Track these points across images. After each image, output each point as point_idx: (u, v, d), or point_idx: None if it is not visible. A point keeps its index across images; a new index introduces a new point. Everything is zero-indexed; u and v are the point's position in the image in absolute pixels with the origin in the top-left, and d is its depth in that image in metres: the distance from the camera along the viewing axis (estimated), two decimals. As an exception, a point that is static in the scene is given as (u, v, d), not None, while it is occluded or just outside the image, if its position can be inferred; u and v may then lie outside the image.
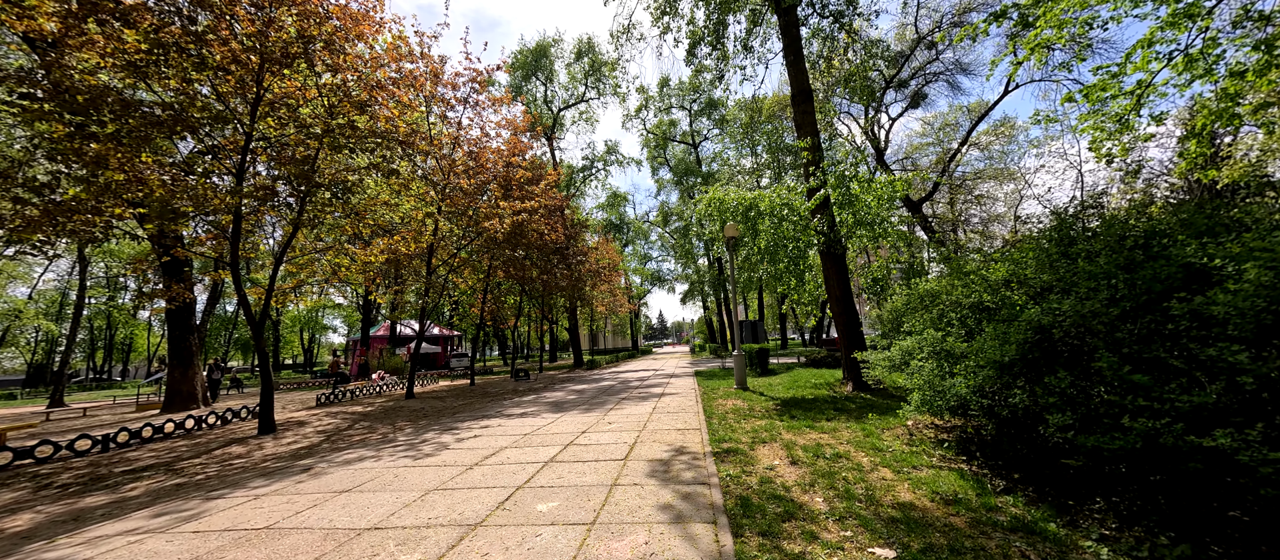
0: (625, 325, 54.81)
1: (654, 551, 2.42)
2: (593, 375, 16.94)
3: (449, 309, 31.35)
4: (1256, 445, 1.99)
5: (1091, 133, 5.03)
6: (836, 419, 5.59)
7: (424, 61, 9.58)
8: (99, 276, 36.31)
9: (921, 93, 21.40)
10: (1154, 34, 4.24)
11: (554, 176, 16.43)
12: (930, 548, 2.32)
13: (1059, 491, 2.93)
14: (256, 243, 10.97)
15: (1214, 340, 2.35)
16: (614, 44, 15.60)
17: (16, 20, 5.61)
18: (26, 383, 38.78)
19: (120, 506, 3.94)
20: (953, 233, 24.98)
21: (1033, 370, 3.22)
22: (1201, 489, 2.38)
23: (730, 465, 3.91)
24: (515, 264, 15.32)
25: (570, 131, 31.72)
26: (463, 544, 2.65)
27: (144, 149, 6.42)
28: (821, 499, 3.06)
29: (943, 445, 4.14)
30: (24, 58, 11.08)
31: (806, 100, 9.23)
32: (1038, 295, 3.60)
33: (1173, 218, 3.32)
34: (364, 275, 12.69)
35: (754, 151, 24.96)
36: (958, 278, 4.85)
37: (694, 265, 32.58)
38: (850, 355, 7.88)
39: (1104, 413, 2.57)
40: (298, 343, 53.03)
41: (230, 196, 6.82)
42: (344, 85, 7.52)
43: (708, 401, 7.68)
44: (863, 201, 8.55)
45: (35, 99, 5.92)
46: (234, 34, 6.47)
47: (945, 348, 4.09)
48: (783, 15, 9.54)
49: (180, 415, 9.03)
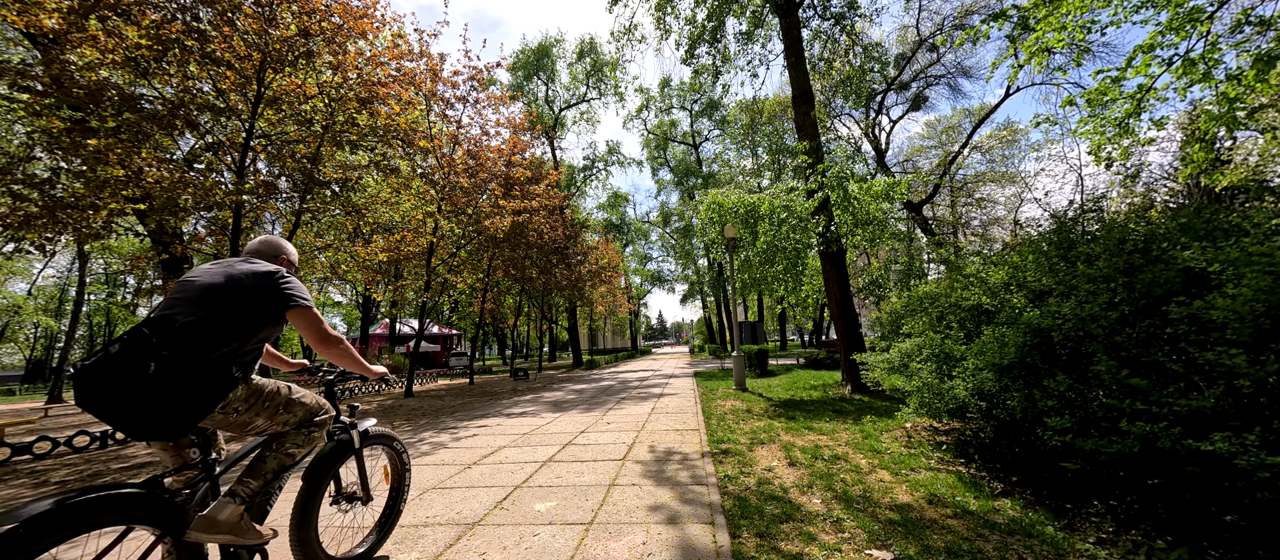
0: (625, 325, 54.84)
1: (651, 551, 2.42)
2: (592, 375, 16.94)
3: (449, 308, 31.35)
4: (1254, 449, 1.99)
5: (1092, 137, 5.04)
6: (835, 420, 5.59)
7: (423, 59, 9.58)
8: (98, 273, 36.29)
9: (923, 95, 21.42)
10: (1154, 39, 4.24)
11: (555, 176, 16.44)
12: (928, 549, 2.32)
13: (1057, 495, 2.94)
14: (257, 240, 10.98)
15: (1212, 344, 2.35)
16: (615, 45, 15.60)
17: (18, 16, 5.61)
18: (25, 379, 38.79)
19: (118, 503, 3.93)
20: (953, 235, 24.99)
21: (1031, 373, 3.22)
22: (1199, 493, 2.38)
23: (728, 466, 3.91)
24: (515, 263, 15.32)
25: (571, 131, 31.77)
26: (460, 543, 2.65)
27: (144, 144, 6.43)
28: (819, 500, 3.06)
29: (941, 448, 4.14)
30: (24, 53, 11.09)
31: (807, 102, 9.23)
32: (1037, 298, 3.60)
33: (1172, 222, 3.33)
34: (363, 273, 12.69)
35: (754, 152, 24.99)
36: (957, 280, 4.85)
37: (694, 266, 32.61)
38: (849, 357, 7.88)
39: (1102, 416, 2.58)
40: (297, 340, 53.02)
41: (231, 193, 6.82)
42: (345, 83, 7.53)
43: (706, 402, 7.68)
44: (861, 203, 8.56)
45: (35, 93, 5.92)
46: (236, 30, 6.48)
47: (944, 350, 4.10)
48: (783, 17, 9.55)
49: (179, 412, 9.00)
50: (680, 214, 31.47)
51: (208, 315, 1.64)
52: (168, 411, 1.50)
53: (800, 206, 9.04)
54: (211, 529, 1.61)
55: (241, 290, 1.74)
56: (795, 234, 9.08)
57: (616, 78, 27.88)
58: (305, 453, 1.96)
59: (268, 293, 1.78)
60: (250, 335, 1.74)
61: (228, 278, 1.76)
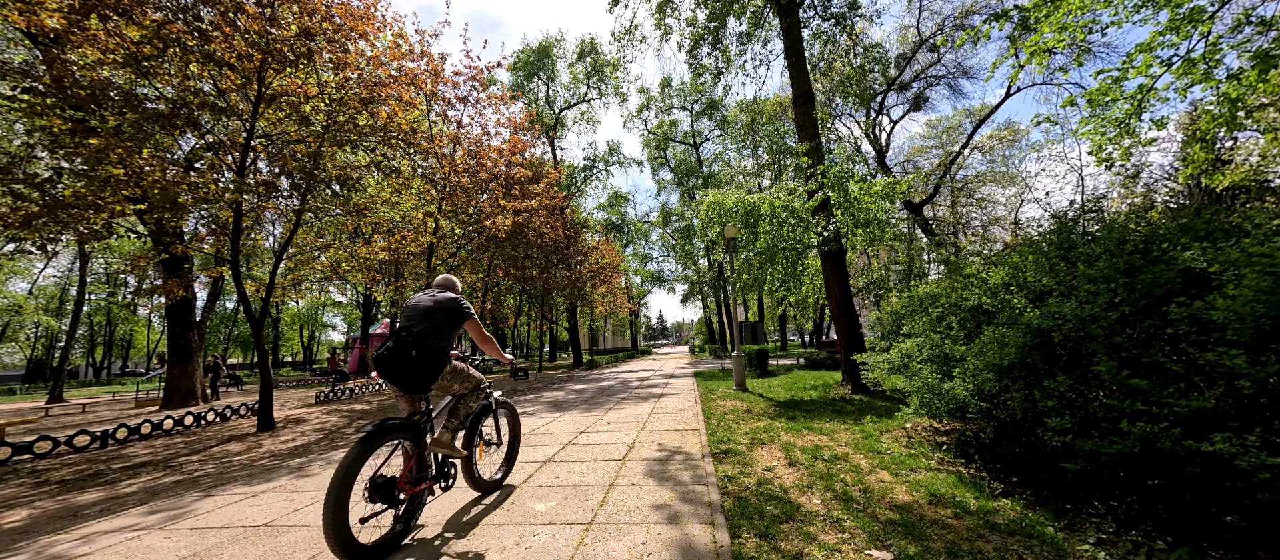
0: (625, 325, 54.83)
1: (651, 551, 2.42)
2: (592, 375, 16.94)
3: (449, 308, 31.27)
4: (1254, 450, 1.99)
5: (1092, 137, 5.03)
6: (835, 421, 5.59)
7: (424, 59, 9.58)
8: (99, 273, 36.32)
9: (923, 95, 21.40)
10: (1155, 39, 4.24)
11: (555, 176, 16.42)
12: (928, 550, 2.32)
13: (1057, 495, 2.93)
14: (257, 240, 10.98)
15: (1213, 345, 2.35)
16: (616, 45, 15.62)
17: (19, 16, 5.61)
18: (26, 378, 38.83)
19: (118, 503, 3.94)
20: (954, 236, 24.98)
21: (1032, 374, 3.22)
22: (1199, 493, 2.38)
23: (728, 466, 3.91)
24: (515, 263, 15.32)
25: (572, 131, 31.74)
26: (460, 543, 2.65)
27: (145, 143, 6.42)
28: (819, 500, 3.06)
29: (941, 448, 4.14)
30: (25, 53, 11.10)
31: (808, 102, 9.23)
32: (1037, 299, 3.60)
33: (1172, 222, 3.32)
34: (364, 273, 12.69)
35: (755, 153, 24.98)
36: (957, 280, 4.85)
37: (694, 266, 32.58)
38: (849, 357, 7.88)
39: (1103, 416, 2.57)
40: (297, 340, 53.03)
41: (231, 192, 6.82)
42: (346, 83, 7.53)
43: (707, 402, 7.68)
44: (862, 203, 8.55)
45: (36, 93, 5.92)
46: (237, 30, 6.48)
47: (944, 350, 4.09)
48: (784, 17, 9.55)
49: (179, 412, 9.03)
50: (680, 214, 31.46)
51: (429, 326, 2.80)
52: (420, 377, 2.67)
53: (800, 206, 9.04)
54: (436, 445, 2.85)
55: (443, 310, 2.89)
56: (795, 234, 9.08)
57: (617, 78, 27.88)
58: (476, 406, 3.17)
59: (456, 311, 2.94)
60: (449, 336, 2.89)
61: (435, 302, 2.91)
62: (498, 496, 3.40)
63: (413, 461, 2.71)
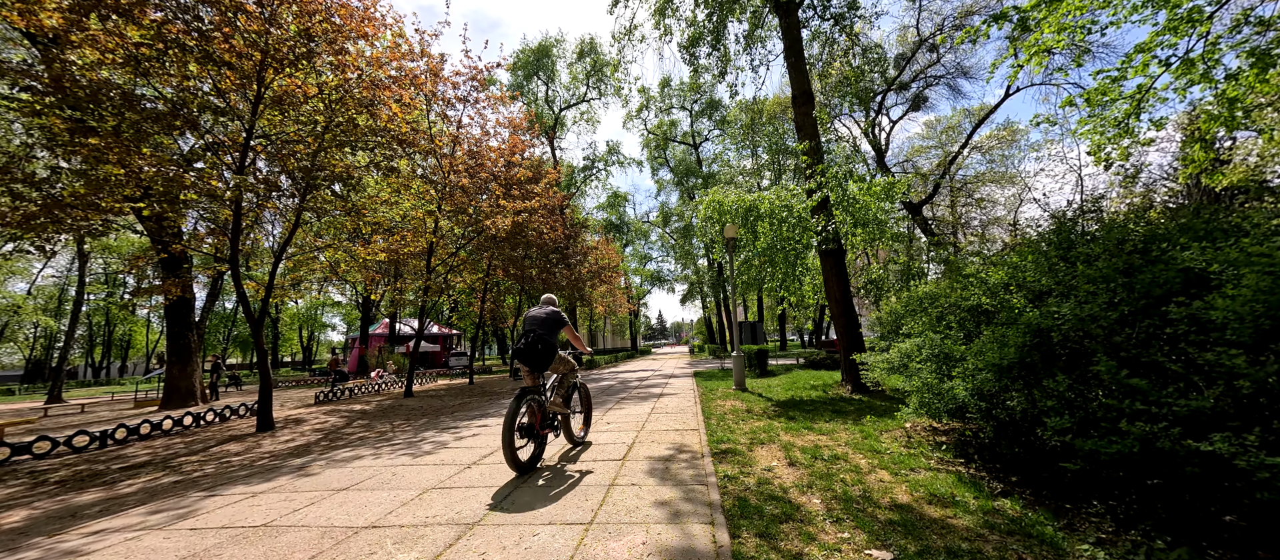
0: (625, 325, 54.79)
1: (651, 551, 2.42)
2: (592, 375, 16.93)
3: (448, 308, 31.33)
4: (1254, 450, 1.99)
5: (1092, 137, 5.04)
6: (835, 420, 5.59)
7: (424, 60, 9.58)
8: (98, 273, 36.27)
9: (923, 95, 21.41)
10: (1153, 39, 4.25)
11: (554, 176, 16.41)
12: (927, 549, 2.32)
13: (1057, 495, 2.94)
14: (257, 240, 10.97)
15: (1212, 345, 2.35)
16: (616, 45, 15.62)
17: (19, 16, 5.61)
18: (25, 378, 38.75)
19: (118, 503, 3.94)
20: (953, 236, 24.99)
21: (1031, 373, 3.22)
22: (1199, 493, 2.38)
23: (728, 466, 3.91)
24: (515, 263, 15.31)
25: (571, 131, 31.76)
26: (460, 543, 2.65)
27: (144, 143, 6.41)
28: (819, 500, 3.07)
29: (941, 448, 4.15)
30: (24, 52, 11.09)
31: (807, 102, 9.23)
32: (1037, 298, 3.60)
33: (1172, 222, 3.33)
34: (363, 273, 12.69)
35: (754, 153, 24.98)
36: (957, 280, 4.85)
37: (694, 266, 32.56)
38: (849, 357, 7.88)
39: (1102, 416, 2.57)
40: (297, 340, 52.99)
41: (232, 189, 6.81)
42: (345, 83, 7.52)
43: (706, 402, 7.68)
44: (861, 203, 8.56)
45: (35, 92, 5.91)
46: (237, 30, 6.47)
47: (944, 350, 4.10)
48: (783, 17, 9.55)
49: (178, 412, 9.02)
50: (680, 214, 31.43)
51: (545, 329, 4.27)
52: (543, 362, 4.13)
53: (800, 206, 9.04)
54: (552, 405, 4.25)
55: (552, 318, 4.37)
56: (795, 234, 9.08)
57: (617, 78, 27.87)
58: (572, 382, 4.66)
59: (558, 320, 4.40)
60: (556, 334, 4.38)
61: (548, 313, 4.38)
62: (579, 450, 4.78)
63: (539, 415, 4.09)
